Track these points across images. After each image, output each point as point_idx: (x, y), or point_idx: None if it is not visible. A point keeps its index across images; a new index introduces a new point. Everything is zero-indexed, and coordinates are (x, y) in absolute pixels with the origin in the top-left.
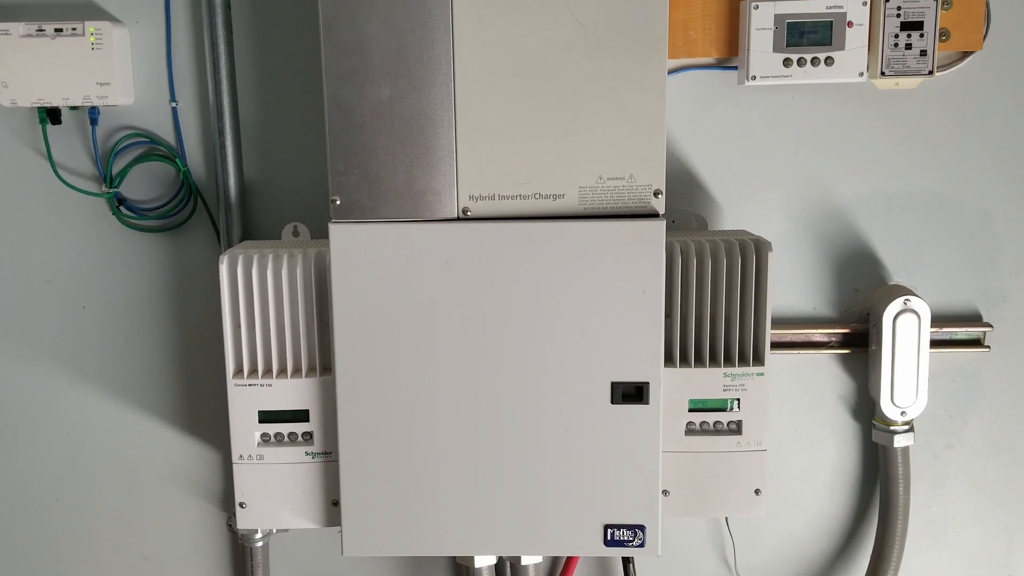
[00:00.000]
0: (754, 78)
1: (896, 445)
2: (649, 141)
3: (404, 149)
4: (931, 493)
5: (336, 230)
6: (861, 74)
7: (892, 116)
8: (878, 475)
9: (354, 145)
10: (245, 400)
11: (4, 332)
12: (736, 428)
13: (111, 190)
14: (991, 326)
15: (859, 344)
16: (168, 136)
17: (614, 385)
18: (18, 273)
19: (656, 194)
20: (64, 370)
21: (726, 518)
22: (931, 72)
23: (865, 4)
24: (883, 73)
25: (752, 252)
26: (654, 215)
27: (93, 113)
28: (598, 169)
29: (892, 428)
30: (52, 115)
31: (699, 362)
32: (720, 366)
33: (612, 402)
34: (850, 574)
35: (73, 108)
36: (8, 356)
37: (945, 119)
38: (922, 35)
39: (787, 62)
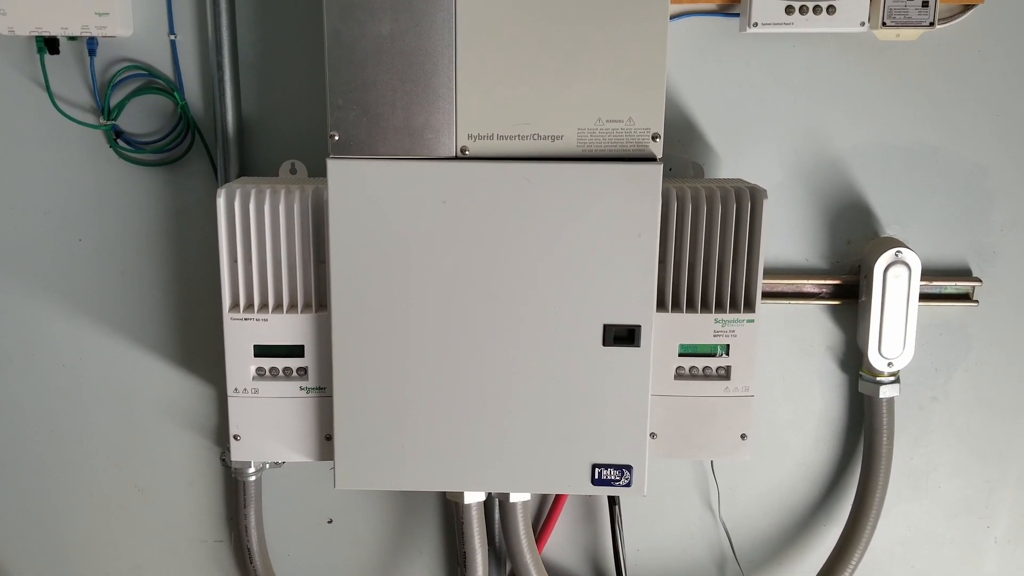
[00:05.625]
0: (756, 25)
1: (881, 396)
2: (649, 85)
3: (404, 86)
4: (914, 444)
5: (334, 165)
6: (862, 24)
7: (892, 68)
8: (863, 425)
9: (354, 80)
10: (241, 334)
11: (0, 263)
12: (725, 373)
13: (109, 122)
14: (980, 281)
15: (849, 296)
16: (166, 69)
17: (606, 327)
18: (15, 204)
19: (654, 138)
20: (60, 302)
21: (712, 462)
22: (932, 24)
23: None
24: (884, 23)
25: (747, 199)
26: (651, 159)
27: (91, 44)
28: (597, 111)
29: (878, 379)
30: (50, 45)
31: (691, 307)
32: (711, 312)
33: (603, 344)
34: (831, 522)
35: (71, 38)
36: (4, 287)
37: (944, 72)
38: None
39: (789, 9)
